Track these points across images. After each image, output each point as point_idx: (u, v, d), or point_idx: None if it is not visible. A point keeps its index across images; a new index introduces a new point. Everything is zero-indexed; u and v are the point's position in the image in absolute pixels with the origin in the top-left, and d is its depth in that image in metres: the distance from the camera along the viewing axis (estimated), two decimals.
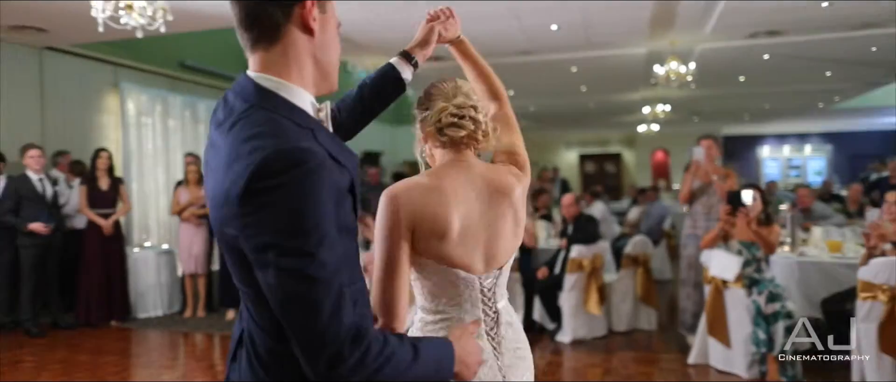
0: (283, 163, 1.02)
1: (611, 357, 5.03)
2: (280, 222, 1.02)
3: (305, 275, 1.02)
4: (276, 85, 1.15)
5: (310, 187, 1.03)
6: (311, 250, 1.02)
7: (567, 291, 5.38)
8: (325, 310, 1.03)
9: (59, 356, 5.17)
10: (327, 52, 1.22)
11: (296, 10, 1.16)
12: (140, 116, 8.86)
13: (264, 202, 1.02)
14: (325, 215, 1.04)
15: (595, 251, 5.46)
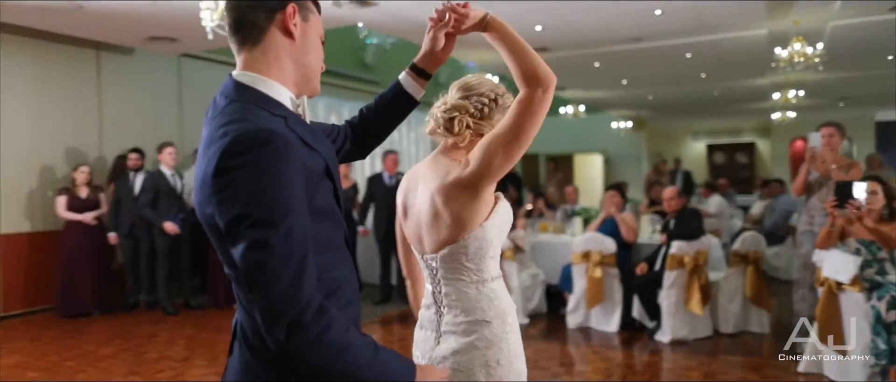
0: (250, 142, 1.11)
1: (713, 360, 4.74)
2: (246, 196, 1.10)
3: (268, 244, 1.08)
4: (254, 80, 1.26)
5: (274, 163, 1.10)
6: (275, 220, 1.09)
7: (666, 289, 5.15)
8: (285, 277, 1.08)
9: (187, 333, 5.73)
10: (306, 55, 1.32)
11: (278, 15, 1.27)
12: None
13: (233, 179, 1.10)
14: (290, 190, 1.11)
15: (698, 247, 5.16)
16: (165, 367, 4.68)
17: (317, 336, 1.11)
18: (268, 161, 1.10)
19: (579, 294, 5.64)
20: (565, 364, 4.77)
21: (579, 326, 5.65)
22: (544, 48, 7.61)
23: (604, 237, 5.56)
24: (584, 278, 5.57)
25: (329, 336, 1.12)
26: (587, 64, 8.65)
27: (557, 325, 5.81)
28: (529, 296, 6.08)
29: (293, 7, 1.28)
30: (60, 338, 5.58)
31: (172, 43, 6.95)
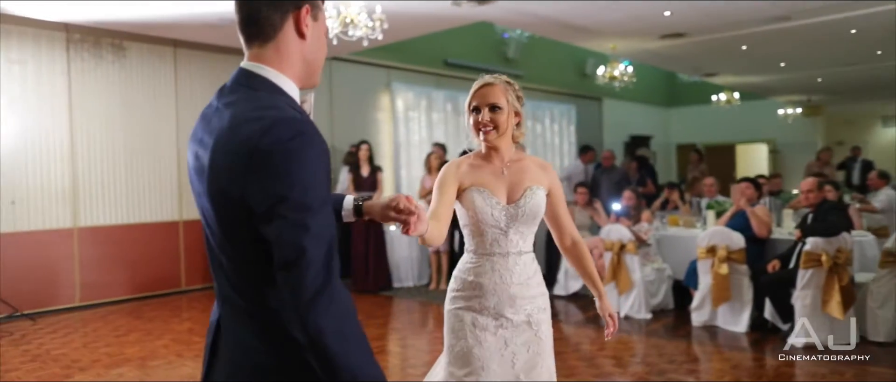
0: (290, 130, 1.17)
1: (854, 371, 4.30)
2: (288, 180, 1.15)
3: (308, 227, 1.14)
4: (269, 73, 1.32)
5: (310, 151, 1.18)
6: (312, 204, 1.16)
7: (800, 288, 4.74)
8: (320, 259, 1.14)
9: None
10: (315, 53, 1.39)
11: (291, 15, 1.32)
12: (407, 112, 10.07)
13: (275, 162, 1.14)
14: (320, 178, 1.20)
15: (838, 244, 4.69)
16: None
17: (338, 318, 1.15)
18: (306, 149, 1.16)
19: (704, 291, 5.37)
20: (689, 364, 4.53)
21: (704, 324, 5.38)
22: (680, 33, 7.26)
23: (731, 232, 5.24)
24: (710, 274, 5.30)
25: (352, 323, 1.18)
26: (733, 48, 8.09)
27: (682, 322, 5.58)
28: (653, 291, 5.89)
29: (307, 8, 1.33)
30: None
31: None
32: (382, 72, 9.82)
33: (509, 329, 2.11)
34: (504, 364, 2.10)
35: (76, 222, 6.63)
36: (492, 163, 2.18)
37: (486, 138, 2.14)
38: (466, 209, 2.15)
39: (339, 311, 1.15)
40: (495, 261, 2.12)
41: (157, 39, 7.20)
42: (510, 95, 2.16)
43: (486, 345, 2.09)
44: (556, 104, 12.92)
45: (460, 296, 2.15)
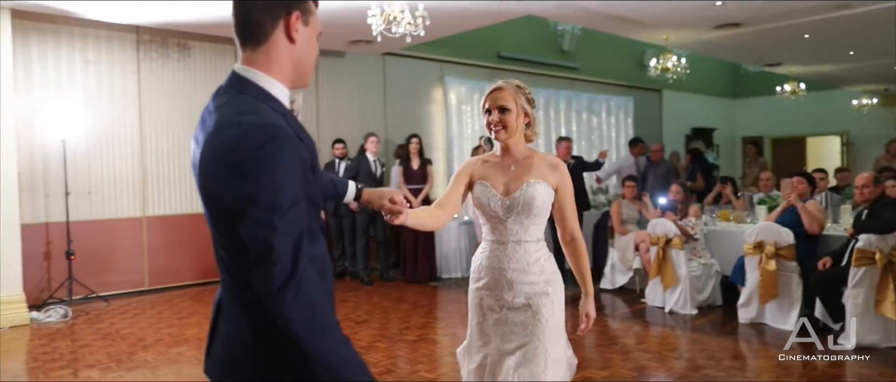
0: (262, 135, 1.25)
1: None
2: (257, 182, 1.24)
3: (274, 226, 1.22)
4: (257, 77, 1.39)
5: (280, 155, 1.26)
6: (280, 205, 1.23)
7: (851, 287, 4.58)
8: (286, 255, 1.23)
9: (373, 300, 6.54)
10: (305, 56, 1.45)
11: (282, 21, 1.39)
12: (460, 105, 10.18)
13: (247, 166, 1.24)
14: (292, 179, 1.27)
15: (894, 242, 4.50)
16: (345, 327, 5.34)
17: (305, 309, 1.23)
18: (276, 153, 1.25)
19: (751, 288, 5.26)
20: (729, 361, 4.42)
21: (751, 321, 5.27)
22: (736, 23, 7.05)
23: (780, 227, 5.10)
24: (757, 270, 5.18)
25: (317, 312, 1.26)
26: (794, 36, 7.78)
27: (729, 319, 5.47)
28: (700, 286, 5.79)
29: (297, 14, 1.39)
30: None
31: (369, 44, 7.83)
32: (435, 66, 9.96)
33: (509, 310, 2.32)
34: (504, 341, 2.31)
35: (145, 212, 7.09)
36: (503, 160, 2.37)
37: (497, 137, 2.33)
38: (473, 200, 2.38)
39: (305, 302, 1.23)
40: (497, 248, 2.34)
41: (219, 39, 7.56)
42: (520, 98, 2.34)
43: (490, 322, 2.34)
44: (613, 96, 12.73)
45: (475, 278, 2.41)
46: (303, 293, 1.23)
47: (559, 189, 2.37)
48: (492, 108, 2.32)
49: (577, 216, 2.48)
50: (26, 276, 5.99)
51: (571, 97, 11.96)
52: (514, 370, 2.25)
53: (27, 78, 6.31)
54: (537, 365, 2.24)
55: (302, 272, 1.24)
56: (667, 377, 4.03)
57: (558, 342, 2.34)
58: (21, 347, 5.15)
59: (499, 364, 2.31)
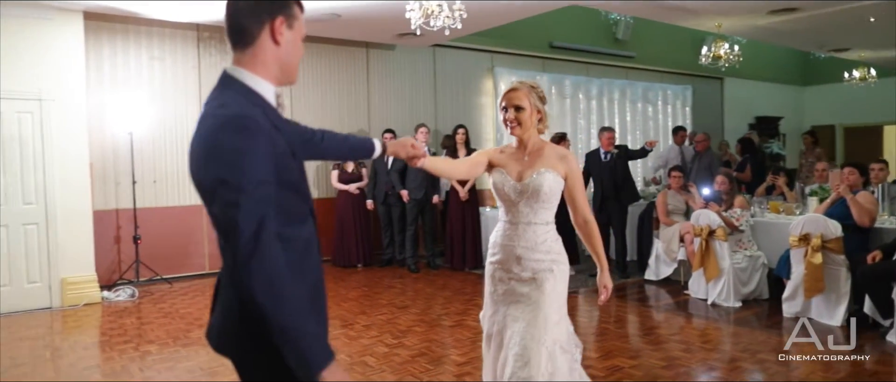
0: (233, 125, 1.41)
1: None
2: (228, 165, 1.39)
3: (236, 203, 1.37)
4: (243, 76, 1.55)
5: (249, 143, 1.41)
6: (245, 186, 1.38)
7: None
8: (249, 230, 1.37)
9: (417, 287, 6.72)
10: (289, 56, 1.60)
11: (267, 26, 1.54)
12: None
13: (218, 152, 1.40)
14: (258, 164, 1.41)
15: None
16: (386, 312, 5.65)
17: (265, 278, 1.38)
18: (246, 142, 1.40)
19: (797, 281, 5.13)
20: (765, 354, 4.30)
21: (796, 315, 5.12)
22: (791, 8, 6.81)
23: (827, 219, 4.95)
24: (803, 263, 5.05)
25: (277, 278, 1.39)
26: (858, 20, 7.42)
27: (775, 313, 5.36)
28: (744, 279, 5.68)
29: (281, 19, 1.54)
30: (329, 283, 6.89)
31: (417, 37, 7.97)
32: (485, 57, 10.03)
33: (517, 282, 2.57)
34: (510, 308, 2.57)
35: None
36: (518, 151, 2.66)
37: (512, 132, 2.62)
38: (491, 186, 2.66)
39: (268, 274, 1.37)
40: (509, 228, 2.62)
41: None
42: (533, 97, 2.60)
43: (501, 292, 2.61)
44: (671, 85, 12.46)
45: (491, 253, 2.70)
46: (265, 267, 1.38)
47: (568, 177, 2.62)
48: (508, 106, 2.57)
49: (587, 201, 2.73)
50: (98, 259, 6.49)
51: (626, 86, 11.79)
52: (519, 332, 2.48)
53: (98, 75, 6.79)
54: (538, 328, 2.48)
55: (265, 248, 1.39)
56: (695, 368, 4.02)
57: (559, 310, 2.57)
58: (93, 322, 5.61)
59: (506, 328, 2.55)
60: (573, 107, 11.04)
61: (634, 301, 6.02)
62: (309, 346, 1.42)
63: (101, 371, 4.28)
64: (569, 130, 10.88)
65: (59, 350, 4.83)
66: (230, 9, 1.57)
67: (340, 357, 4.38)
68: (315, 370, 1.42)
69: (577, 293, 6.29)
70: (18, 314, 5.90)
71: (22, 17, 5.88)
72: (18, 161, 5.96)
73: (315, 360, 1.42)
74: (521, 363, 2.43)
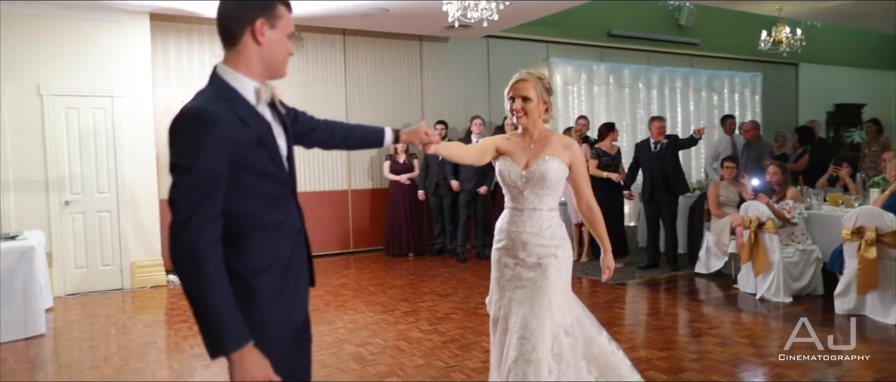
0: (185, 117, 1.58)
1: None
2: (178, 151, 1.57)
3: (178, 184, 1.55)
4: (225, 72, 1.69)
5: (202, 133, 1.55)
6: (188, 170, 1.54)
7: None
8: (184, 209, 1.53)
9: (463, 276, 6.83)
10: (274, 53, 1.71)
11: (248, 27, 1.67)
12: (566, 86, 10.13)
13: (175, 139, 1.58)
14: (205, 151, 1.55)
15: None
16: (428, 299, 5.79)
17: (189, 253, 1.52)
18: (199, 131, 1.55)
19: (850, 277, 4.90)
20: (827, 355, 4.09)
21: (849, 312, 4.90)
22: None
23: (882, 212, 4.70)
24: (856, 258, 4.82)
25: (196, 259, 1.53)
26: None
27: (826, 309, 5.13)
28: (796, 274, 5.47)
29: (262, 21, 1.67)
30: (378, 271, 7.25)
31: (468, 29, 8.04)
32: (541, 47, 9.97)
33: (523, 267, 2.63)
34: (516, 293, 2.62)
35: None
36: (524, 139, 2.72)
37: (519, 121, 2.69)
38: (497, 173, 2.73)
39: (191, 252, 1.52)
40: (515, 214, 2.68)
41: (329, 30, 8.16)
42: (540, 88, 2.66)
43: (507, 277, 2.67)
44: (738, 72, 11.97)
45: (497, 239, 2.75)
46: (188, 240, 1.53)
47: (573, 165, 2.68)
48: (516, 96, 2.64)
49: (591, 188, 2.78)
50: (164, 244, 6.92)
51: (689, 74, 11.43)
52: (523, 317, 2.55)
53: (165, 72, 7.24)
54: (542, 313, 2.55)
55: (194, 228, 1.53)
56: (724, 363, 3.93)
57: (563, 294, 2.64)
58: (157, 303, 6.03)
59: (511, 313, 2.61)
60: (632, 96, 10.81)
61: (680, 294, 5.90)
62: (221, 325, 1.54)
63: (157, 347, 4.63)
64: (627, 121, 10.70)
65: (123, 327, 5.24)
66: (218, 11, 1.71)
67: (376, 341, 4.56)
68: (223, 349, 1.54)
69: (625, 285, 6.22)
70: (93, 294, 6.42)
71: (93, 19, 6.37)
72: (93, 153, 6.47)
73: (226, 339, 1.54)
74: (529, 346, 2.49)
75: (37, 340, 4.85)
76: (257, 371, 1.57)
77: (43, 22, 6.20)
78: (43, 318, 5.05)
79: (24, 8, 6.06)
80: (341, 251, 8.40)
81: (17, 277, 4.86)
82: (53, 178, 6.31)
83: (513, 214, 2.68)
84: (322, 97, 8.20)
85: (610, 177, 6.91)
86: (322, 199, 8.25)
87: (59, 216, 6.35)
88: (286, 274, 1.76)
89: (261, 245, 1.71)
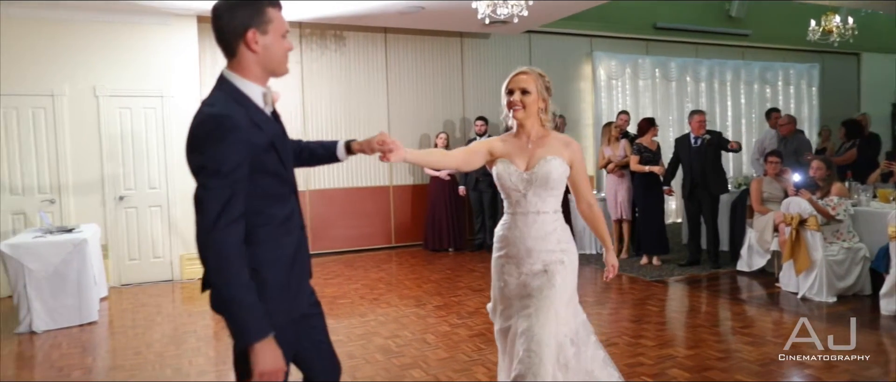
0: (210, 122, 1.67)
1: None
2: (202, 155, 1.66)
3: (207, 185, 1.64)
4: (233, 78, 1.80)
5: (224, 137, 1.66)
6: (216, 171, 1.64)
7: None
8: (213, 209, 1.63)
9: None
10: (271, 56, 1.82)
11: (241, 40, 1.77)
12: (610, 80, 10.00)
13: (198, 143, 1.68)
14: (228, 154, 1.66)
15: None
16: (461, 294, 5.85)
17: (217, 253, 1.63)
18: (223, 135, 1.65)
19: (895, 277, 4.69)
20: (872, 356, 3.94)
21: (895, 314, 4.70)
22: None
23: None
24: None
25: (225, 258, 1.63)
26: None
27: (873, 309, 4.93)
28: (841, 273, 5.26)
29: (253, 31, 1.76)
30: (416, 266, 7.35)
31: (506, 25, 8.03)
32: (584, 41, 9.87)
33: (528, 275, 2.52)
34: (522, 302, 2.51)
35: (308, 186, 8.09)
36: (520, 139, 2.61)
37: (515, 116, 2.57)
38: (495, 177, 2.60)
39: (220, 249, 1.63)
40: (518, 219, 2.55)
41: (371, 28, 8.31)
42: (540, 84, 2.58)
43: (511, 286, 2.55)
44: (794, 64, 11.53)
45: (497, 247, 2.64)
46: (217, 241, 1.63)
47: (573, 164, 2.59)
48: (515, 89, 2.55)
49: (590, 187, 2.69)
50: None
51: (740, 67, 11.09)
52: (529, 327, 2.42)
53: (213, 72, 7.51)
54: (549, 322, 2.43)
55: (223, 227, 1.63)
56: (752, 363, 3.83)
57: (569, 302, 2.54)
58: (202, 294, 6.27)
59: (517, 323, 2.50)
60: (679, 90, 10.57)
61: (718, 293, 5.76)
62: (245, 319, 1.65)
63: (197, 335, 4.85)
64: (674, 115, 10.47)
65: (169, 316, 5.51)
66: (213, 27, 1.81)
67: (405, 334, 4.65)
68: (247, 340, 1.66)
69: (665, 283, 6.12)
70: (145, 284, 6.76)
71: (144, 23, 6.69)
72: (144, 151, 6.80)
73: (249, 331, 1.66)
74: (536, 360, 2.39)
75: (90, 327, 5.16)
76: (273, 361, 1.70)
77: (97, 26, 6.56)
78: (96, 306, 5.37)
79: (79, 14, 6.42)
80: (383, 245, 8.55)
81: (71, 267, 5.17)
82: (108, 174, 6.67)
83: (515, 219, 2.55)
84: (364, 96, 8.36)
85: (652, 170, 6.79)
86: (364, 195, 8.42)
87: (114, 211, 6.71)
88: (291, 267, 1.87)
89: (268, 239, 1.82)
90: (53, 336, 4.94)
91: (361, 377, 3.81)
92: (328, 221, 8.19)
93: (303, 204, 7.97)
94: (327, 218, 8.18)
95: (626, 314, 5.08)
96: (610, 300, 5.48)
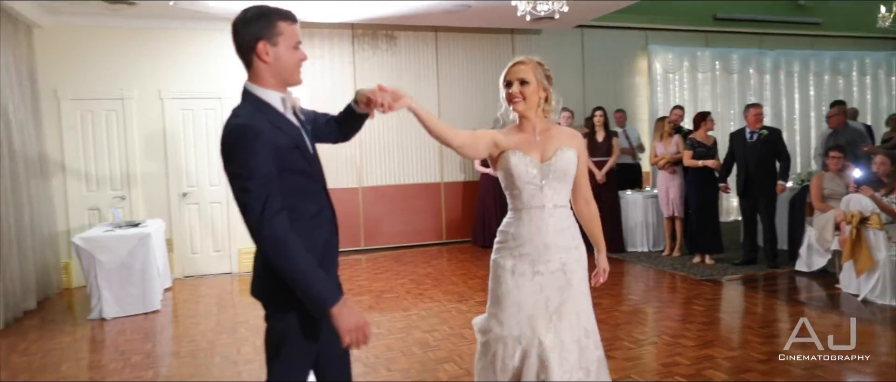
0: (236, 132, 1.82)
1: None
2: (236, 162, 1.81)
3: (248, 190, 1.78)
4: (253, 88, 1.94)
5: (251, 145, 1.80)
6: (250, 175, 1.78)
7: None
8: (256, 208, 1.77)
9: None
10: (284, 65, 1.94)
11: (253, 53, 1.90)
12: (666, 74, 9.76)
13: (230, 153, 1.82)
14: (258, 159, 1.82)
15: None
16: (479, 288, 5.87)
17: (272, 241, 1.77)
18: (248, 143, 1.80)
19: None
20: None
21: None
22: None
23: None
24: None
25: (281, 241, 1.77)
26: None
27: None
28: None
29: (263, 44, 1.88)
30: (464, 261, 7.42)
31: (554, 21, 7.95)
32: (639, 34, 9.66)
33: (545, 275, 2.40)
34: (538, 305, 2.41)
35: (360, 183, 8.29)
36: (524, 131, 2.50)
37: (515, 108, 2.48)
38: (504, 171, 2.48)
39: (274, 238, 1.76)
40: (533, 214, 2.43)
41: (421, 28, 8.42)
42: (539, 73, 2.49)
43: (524, 289, 2.41)
44: (869, 52, 10.91)
45: (502, 247, 2.50)
46: (271, 234, 1.77)
47: (578, 158, 2.50)
48: (513, 80, 2.46)
49: (588, 182, 2.58)
50: None
51: (810, 57, 10.58)
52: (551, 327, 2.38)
53: None
54: (570, 320, 2.40)
55: (269, 220, 1.78)
56: (794, 367, 3.69)
57: (585, 299, 2.47)
58: None
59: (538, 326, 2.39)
60: (741, 83, 10.19)
61: (773, 293, 5.55)
62: (316, 288, 1.80)
63: (247, 325, 5.08)
64: (735, 109, 10.10)
65: (224, 307, 5.79)
66: (232, 41, 1.94)
67: (443, 328, 4.73)
68: (324, 307, 1.81)
69: (719, 283, 5.95)
70: (206, 276, 7.11)
71: (200, 29, 7.04)
72: (206, 149, 7.15)
73: (324, 298, 1.81)
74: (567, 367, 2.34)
75: (152, 315, 5.50)
76: (356, 318, 1.84)
77: (160, 33, 6.95)
78: (159, 296, 5.70)
79: (144, 22, 6.82)
80: (434, 241, 8.66)
81: (136, 259, 5.52)
82: (173, 172, 7.06)
83: (529, 214, 2.43)
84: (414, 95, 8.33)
85: (706, 165, 6.60)
86: (416, 191, 8.55)
87: (178, 206, 7.09)
88: (320, 261, 1.94)
89: (301, 234, 1.90)
90: (120, 322, 5.29)
91: (396, 368, 3.91)
92: (380, 217, 8.36)
93: (356, 201, 8.23)
94: (379, 215, 8.36)
95: (670, 313, 4.97)
96: (655, 299, 5.36)
